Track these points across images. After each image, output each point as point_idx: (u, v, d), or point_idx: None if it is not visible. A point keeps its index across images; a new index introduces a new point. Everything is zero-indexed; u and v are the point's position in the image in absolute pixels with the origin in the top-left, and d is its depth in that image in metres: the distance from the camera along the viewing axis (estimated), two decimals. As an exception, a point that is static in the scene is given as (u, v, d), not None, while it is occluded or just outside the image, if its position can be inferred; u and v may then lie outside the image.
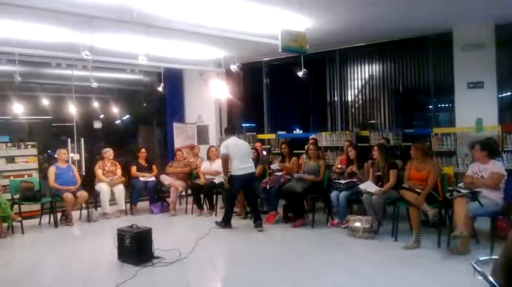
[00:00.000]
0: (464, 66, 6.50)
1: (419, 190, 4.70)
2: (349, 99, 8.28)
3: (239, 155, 5.81)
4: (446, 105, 7.29)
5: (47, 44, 6.39)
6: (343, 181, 5.75)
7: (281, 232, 5.73)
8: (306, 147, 6.76)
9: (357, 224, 5.12)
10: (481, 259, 1.96)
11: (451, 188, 4.74)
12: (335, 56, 8.14)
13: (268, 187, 6.18)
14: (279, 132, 8.55)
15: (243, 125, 9.73)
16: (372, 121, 8.03)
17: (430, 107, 7.42)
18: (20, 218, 5.87)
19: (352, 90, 8.24)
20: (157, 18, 5.11)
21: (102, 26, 5.24)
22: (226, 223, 5.91)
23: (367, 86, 8.09)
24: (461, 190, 4.49)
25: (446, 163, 6.32)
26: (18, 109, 7.62)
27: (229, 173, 5.93)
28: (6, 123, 8.13)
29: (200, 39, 6.40)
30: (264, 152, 7.45)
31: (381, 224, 5.35)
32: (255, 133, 8.79)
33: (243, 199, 6.52)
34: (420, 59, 7.39)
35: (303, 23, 5.44)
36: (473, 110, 6.31)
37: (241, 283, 3.91)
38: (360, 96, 8.22)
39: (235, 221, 6.34)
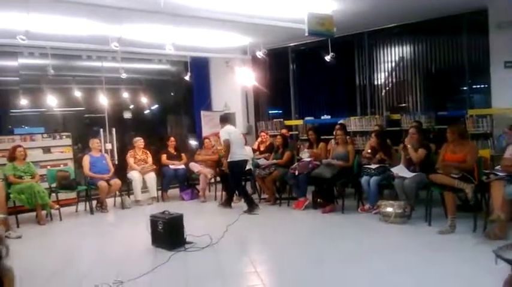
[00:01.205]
0: (500, 44, 6.20)
1: (455, 175, 4.56)
2: (379, 82, 8.08)
3: (237, 142, 6.18)
4: (482, 86, 6.99)
5: (77, 37, 6.56)
6: (373, 166, 5.67)
7: (311, 218, 5.72)
8: (334, 133, 6.67)
9: (389, 209, 5.04)
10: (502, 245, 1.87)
11: (487, 171, 4.58)
12: (363, 38, 7.93)
13: (297, 173, 6.16)
14: (306, 118, 8.47)
15: (270, 111, 9.69)
16: (403, 104, 7.82)
17: (464, 88, 7.14)
18: (57, 206, 6.12)
19: (382, 73, 8.03)
20: (184, 7, 5.14)
21: (130, 17, 5.32)
22: (250, 205, 6.10)
23: (398, 68, 7.86)
24: (499, 173, 4.33)
25: (482, 145, 6.10)
26: (52, 101, 7.88)
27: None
28: (41, 115, 8.43)
29: (226, 26, 6.39)
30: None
31: (414, 209, 5.24)
32: (282, 120, 8.75)
33: (272, 185, 6.55)
34: (453, 38, 7.09)
35: (329, 6, 5.33)
36: (510, 90, 6.04)
37: (273, 267, 3.95)
38: (390, 79, 8.00)
39: (264, 207, 6.40)
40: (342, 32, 6.74)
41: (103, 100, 8.18)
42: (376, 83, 8.09)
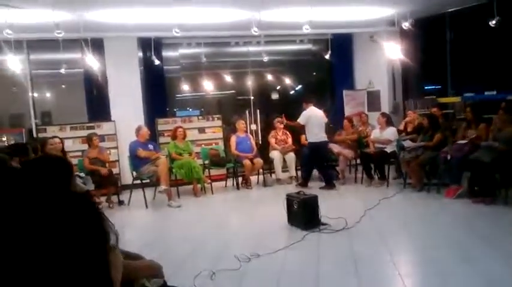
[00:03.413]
0: None
1: None
2: None
3: (316, 124, 6.43)
4: None
5: (224, 25, 7.04)
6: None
7: (464, 208, 5.03)
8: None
9: None
10: None
11: None
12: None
13: (449, 157, 5.46)
14: (465, 94, 7.38)
15: (424, 87, 8.76)
16: None
17: None
18: (209, 181, 6.82)
19: None
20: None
21: (269, 1, 5.41)
22: (304, 182, 6.67)
23: None
24: None
25: None
26: (207, 86, 8.73)
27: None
28: (198, 99, 9.45)
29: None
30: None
31: None
32: (434, 97, 7.84)
33: (418, 171, 5.99)
34: None
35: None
36: None
37: (410, 258, 3.64)
38: None
39: (409, 193, 5.92)
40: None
41: (249, 83, 8.67)
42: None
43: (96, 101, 7.75)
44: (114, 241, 0.79)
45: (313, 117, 6.47)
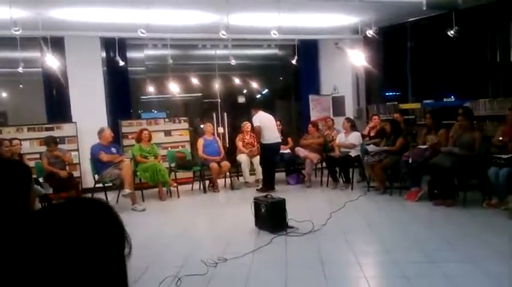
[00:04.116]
0: None
1: None
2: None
3: (269, 127, 6.67)
4: None
5: (192, 28, 6.97)
6: (504, 156, 4.88)
7: (425, 210, 5.22)
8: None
9: (522, 206, 4.30)
10: None
11: None
12: (496, 8, 6.81)
13: (410, 161, 5.66)
14: (425, 101, 7.69)
15: (386, 94, 9.05)
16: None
17: None
18: (175, 184, 6.70)
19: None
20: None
21: (238, 4, 5.41)
22: (269, 186, 6.62)
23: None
24: None
25: None
26: (173, 88, 8.61)
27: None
28: (164, 101, 9.28)
29: (335, 7, 6.11)
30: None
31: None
32: (396, 103, 8.11)
33: (381, 174, 6.16)
34: None
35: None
36: None
37: (375, 259, 3.72)
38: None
39: (373, 196, 6.08)
40: (468, 3, 5.89)
41: (216, 86, 8.61)
42: (512, 59, 6.91)
43: (56, 101, 7.44)
44: (128, 250, 0.80)
45: (264, 120, 6.68)
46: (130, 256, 0.79)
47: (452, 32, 6.03)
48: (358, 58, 7.87)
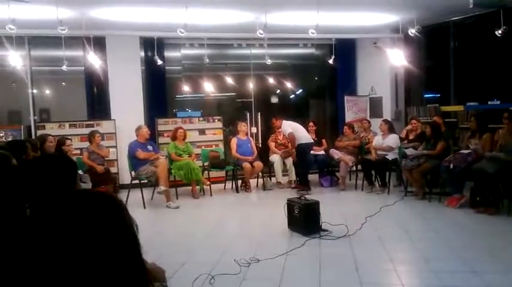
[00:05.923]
0: None
1: None
2: None
3: (299, 129, 6.88)
4: None
5: (229, 27, 6.99)
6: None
7: (466, 218, 4.98)
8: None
9: None
10: None
11: None
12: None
13: (451, 167, 5.41)
14: (468, 103, 7.34)
15: (425, 95, 8.72)
16: None
17: None
18: (208, 183, 6.75)
19: None
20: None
21: (276, 4, 5.37)
22: (305, 185, 6.74)
23: None
24: None
25: None
26: (208, 87, 8.68)
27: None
28: (199, 100, 9.39)
29: (376, 5, 5.95)
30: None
31: None
32: (437, 105, 7.80)
33: (420, 179, 5.94)
34: None
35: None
36: None
37: (413, 267, 3.58)
38: None
39: (410, 201, 5.87)
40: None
41: (251, 86, 8.61)
42: None
43: (97, 99, 7.69)
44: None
45: (292, 125, 6.87)
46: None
47: (500, 31, 5.73)
48: (398, 58, 7.62)
